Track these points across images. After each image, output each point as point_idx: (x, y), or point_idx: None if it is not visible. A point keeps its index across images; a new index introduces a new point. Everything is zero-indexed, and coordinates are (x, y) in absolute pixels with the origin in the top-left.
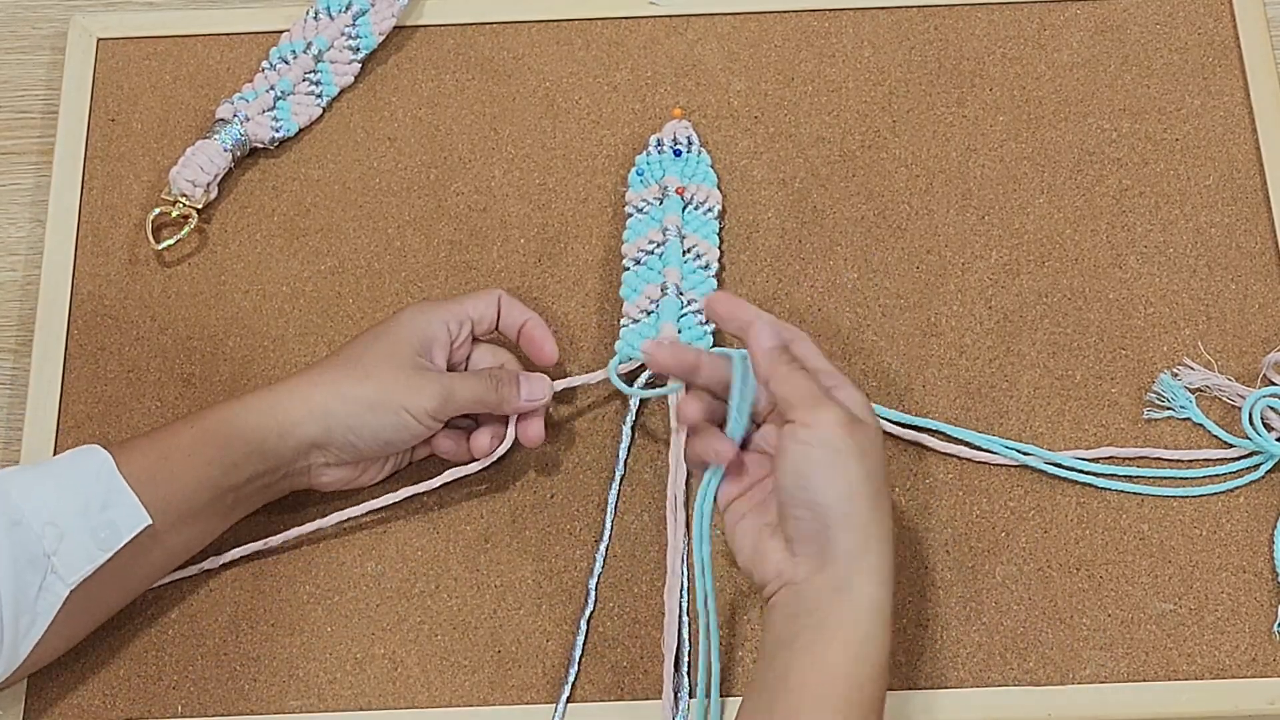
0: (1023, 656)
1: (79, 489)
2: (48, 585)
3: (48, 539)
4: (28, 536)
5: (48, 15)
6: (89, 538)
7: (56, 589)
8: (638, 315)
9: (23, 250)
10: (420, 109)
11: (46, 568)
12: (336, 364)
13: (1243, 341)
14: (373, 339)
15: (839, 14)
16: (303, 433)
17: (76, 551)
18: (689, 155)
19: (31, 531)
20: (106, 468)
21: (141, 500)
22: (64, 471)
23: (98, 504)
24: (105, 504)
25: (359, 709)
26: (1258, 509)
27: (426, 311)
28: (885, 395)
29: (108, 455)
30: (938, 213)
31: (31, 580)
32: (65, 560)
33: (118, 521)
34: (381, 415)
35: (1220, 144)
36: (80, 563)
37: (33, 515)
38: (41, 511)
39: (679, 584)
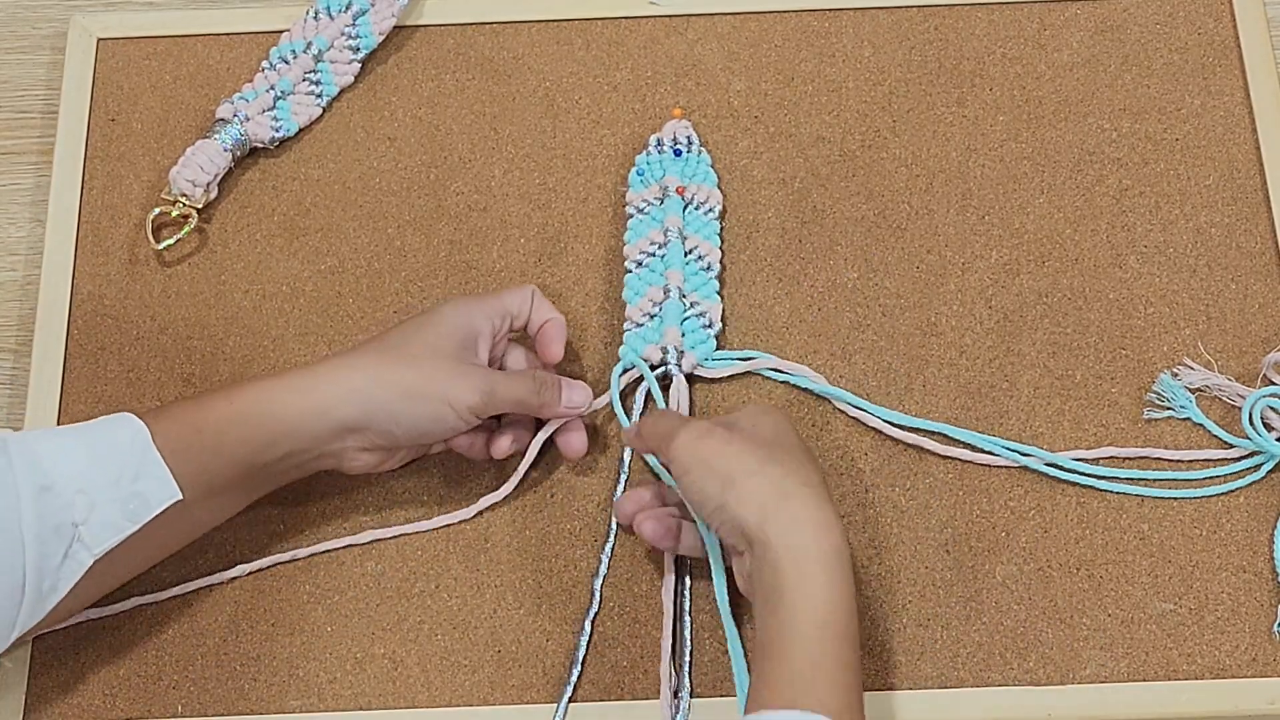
0: (1023, 656)
1: (112, 458)
2: (73, 553)
3: (78, 508)
4: (57, 503)
5: (48, 15)
6: (118, 509)
7: (81, 557)
8: (641, 319)
9: (23, 250)
10: (420, 109)
11: (73, 535)
12: (379, 349)
13: (1243, 341)
14: (416, 328)
15: (839, 14)
16: (341, 415)
17: (104, 522)
18: (689, 155)
19: (61, 498)
20: (141, 438)
21: (173, 473)
22: (98, 439)
23: (130, 475)
24: (137, 475)
25: (359, 709)
26: (1258, 509)
27: (470, 305)
28: (885, 395)
29: (143, 425)
30: (938, 213)
31: (56, 548)
32: (92, 530)
33: (148, 494)
34: (422, 405)
35: (1220, 144)
36: (107, 533)
37: (64, 482)
38: (73, 479)
39: (674, 582)
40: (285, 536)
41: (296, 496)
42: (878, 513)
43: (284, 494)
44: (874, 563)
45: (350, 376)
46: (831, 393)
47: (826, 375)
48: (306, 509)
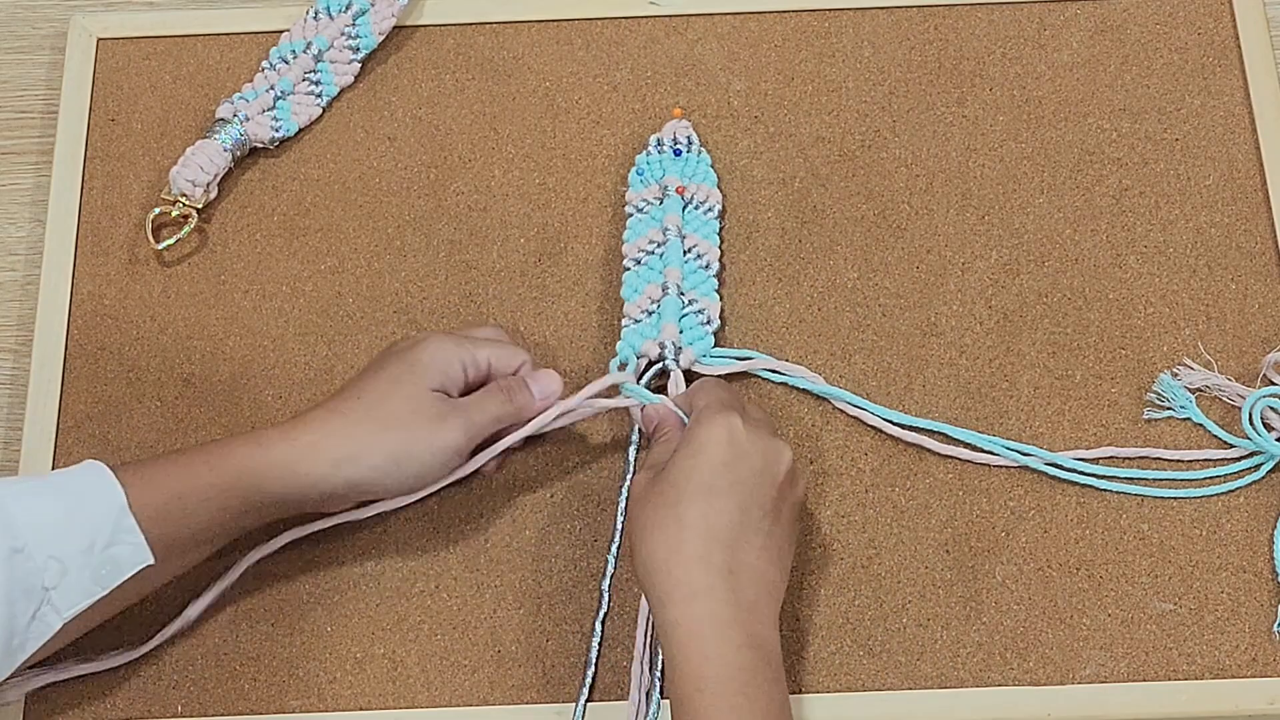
0: (1023, 656)
1: (87, 524)
2: (41, 615)
3: (49, 573)
4: (29, 567)
5: (48, 15)
6: (89, 575)
7: (49, 619)
8: (639, 315)
9: (23, 250)
10: (420, 109)
11: (43, 599)
12: (357, 410)
13: (1243, 341)
14: (392, 382)
15: (839, 14)
16: (328, 486)
17: (75, 587)
18: (689, 155)
19: (33, 562)
20: (117, 504)
21: (149, 536)
22: (73, 500)
23: (103, 541)
24: (110, 541)
25: (359, 709)
26: (1258, 509)
27: (449, 346)
28: (885, 395)
29: (119, 489)
30: (938, 213)
31: (25, 609)
32: (63, 595)
33: (120, 559)
34: (409, 465)
35: (1220, 144)
36: (77, 597)
37: (36, 545)
38: (46, 543)
39: None
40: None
41: None
42: (878, 513)
43: None
44: (874, 563)
45: (334, 449)
46: (830, 392)
47: (826, 375)
48: None
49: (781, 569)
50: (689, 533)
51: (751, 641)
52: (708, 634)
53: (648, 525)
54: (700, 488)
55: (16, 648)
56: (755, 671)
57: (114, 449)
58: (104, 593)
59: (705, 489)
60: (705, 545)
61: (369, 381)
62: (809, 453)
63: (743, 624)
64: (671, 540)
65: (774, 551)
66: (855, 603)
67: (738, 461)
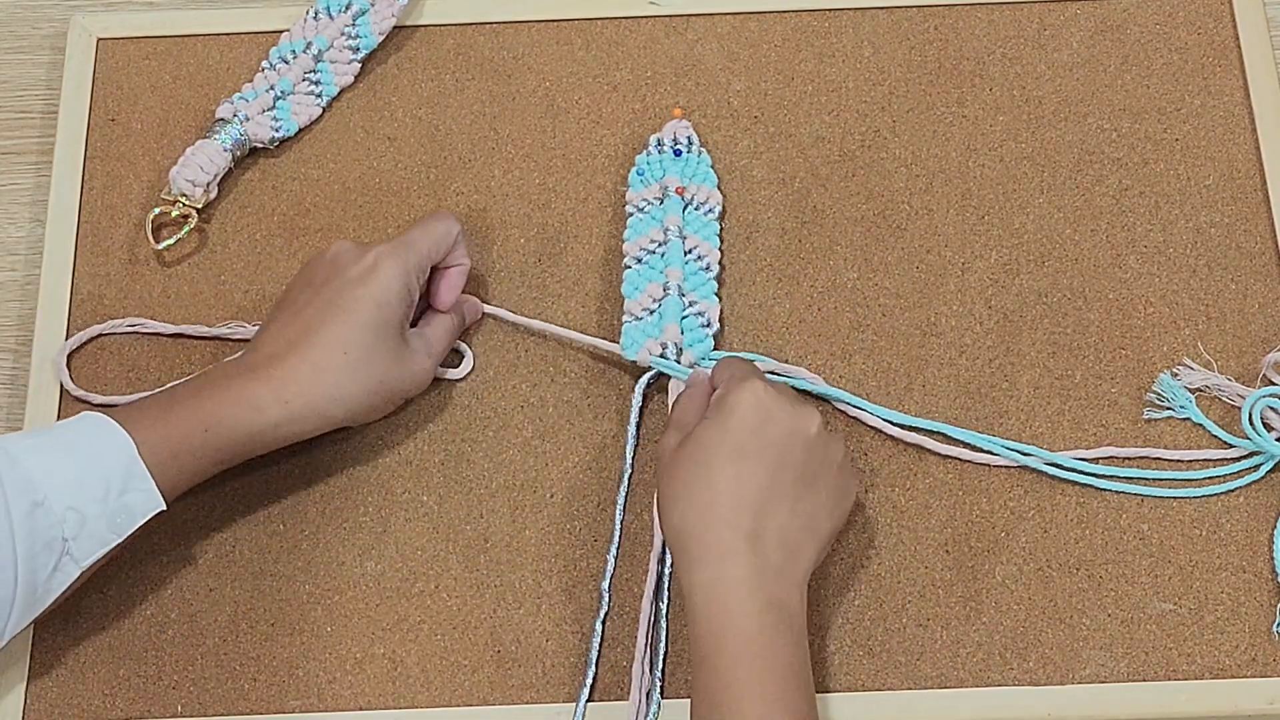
0: (1023, 656)
1: (101, 473)
2: (61, 566)
3: (68, 524)
4: (48, 519)
5: (48, 15)
6: (105, 523)
7: (69, 569)
8: (640, 313)
9: (23, 250)
10: (420, 109)
11: (62, 550)
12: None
13: (1243, 341)
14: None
15: (839, 14)
16: (316, 422)
17: (92, 536)
18: (689, 155)
19: (53, 515)
20: (127, 451)
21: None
22: (85, 452)
23: (116, 489)
24: (124, 489)
25: (359, 709)
26: (1258, 509)
27: (401, 267)
28: (885, 395)
29: (128, 439)
30: (938, 213)
31: (46, 561)
32: (81, 545)
33: (133, 506)
34: (386, 399)
35: (1220, 144)
36: (94, 546)
37: (54, 498)
38: (64, 494)
39: (654, 582)
40: (285, 536)
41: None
42: (878, 513)
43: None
44: (874, 563)
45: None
46: (830, 393)
47: (826, 376)
48: (306, 509)
49: (812, 535)
50: (719, 497)
51: (773, 604)
52: (729, 597)
53: (679, 489)
54: (730, 452)
55: (38, 600)
56: (775, 634)
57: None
58: (118, 540)
59: (735, 453)
60: (734, 509)
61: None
62: None
63: (765, 588)
64: (701, 504)
65: (803, 517)
66: (855, 603)
67: (765, 426)
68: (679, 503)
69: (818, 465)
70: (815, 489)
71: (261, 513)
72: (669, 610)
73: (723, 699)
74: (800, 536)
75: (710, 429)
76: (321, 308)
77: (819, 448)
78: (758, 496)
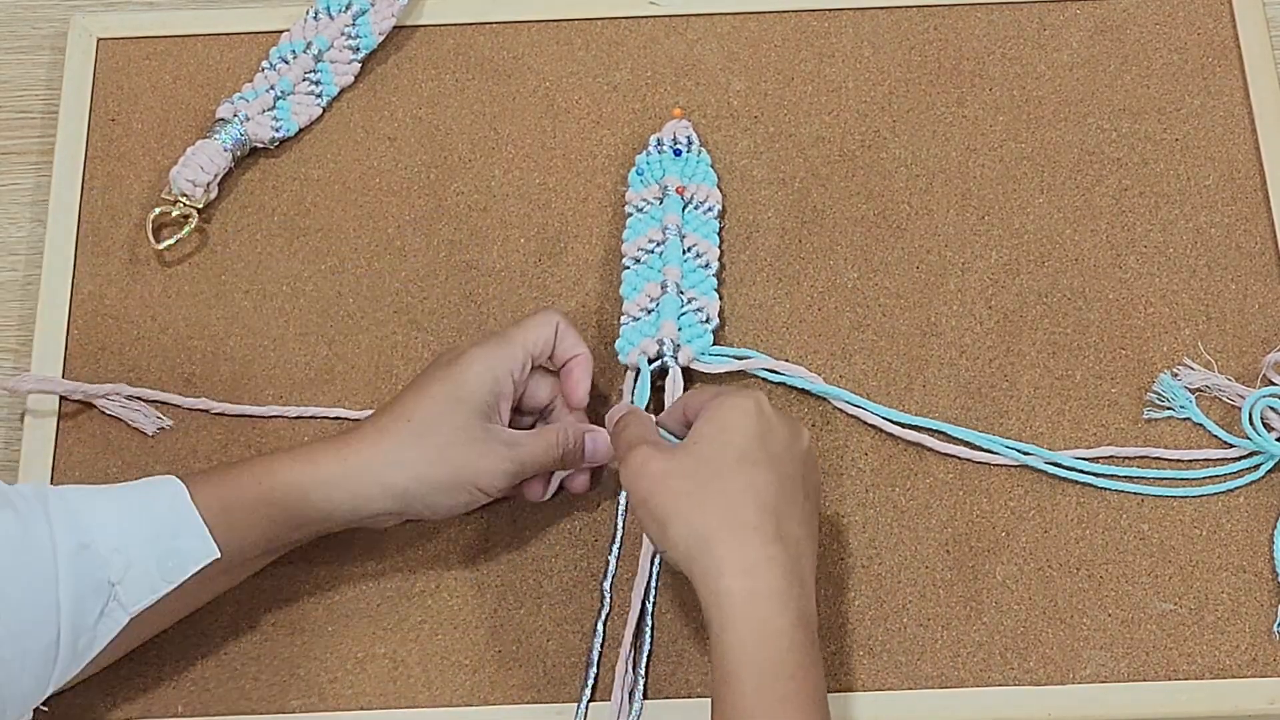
0: (1023, 656)
1: (150, 516)
2: (109, 611)
3: (114, 566)
4: (94, 562)
5: (48, 15)
6: (155, 567)
7: (117, 615)
8: (638, 313)
9: (23, 250)
10: (420, 109)
11: (109, 594)
12: (406, 435)
13: (1243, 341)
14: (442, 408)
15: (839, 14)
16: (376, 508)
17: (141, 581)
18: (689, 155)
19: (99, 556)
20: (181, 498)
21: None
22: (136, 497)
23: (168, 533)
24: (175, 533)
25: (359, 709)
26: (1258, 509)
27: (494, 358)
28: (885, 395)
29: (181, 486)
30: (938, 213)
31: (93, 606)
32: (129, 589)
33: (185, 552)
34: (455, 495)
35: (1220, 144)
36: (143, 592)
37: (102, 539)
38: (111, 536)
39: (645, 581)
40: None
41: None
42: (878, 513)
43: None
44: (874, 563)
45: (385, 473)
46: (829, 391)
47: (826, 375)
48: None
49: (812, 543)
50: (740, 502)
51: (803, 619)
52: (764, 607)
53: (682, 502)
54: (739, 459)
55: (85, 646)
56: (805, 652)
57: (114, 449)
58: (169, 588)
59: (744, 460)
60: (758, 515)
61: (417, 403)
62: None
63: (796, 598)
64: (720, 511)
65: (808, 526)
66: (855, 603)
67: (768, 434)
68: (684, 514)
69: (805, 477)
70: (809, 499)
71: None
72: (655, 610)
73: None
74: (808, 546)
75: (708, 441)
76: (405, 391)
77: (809, 461)
78: (775, 501)
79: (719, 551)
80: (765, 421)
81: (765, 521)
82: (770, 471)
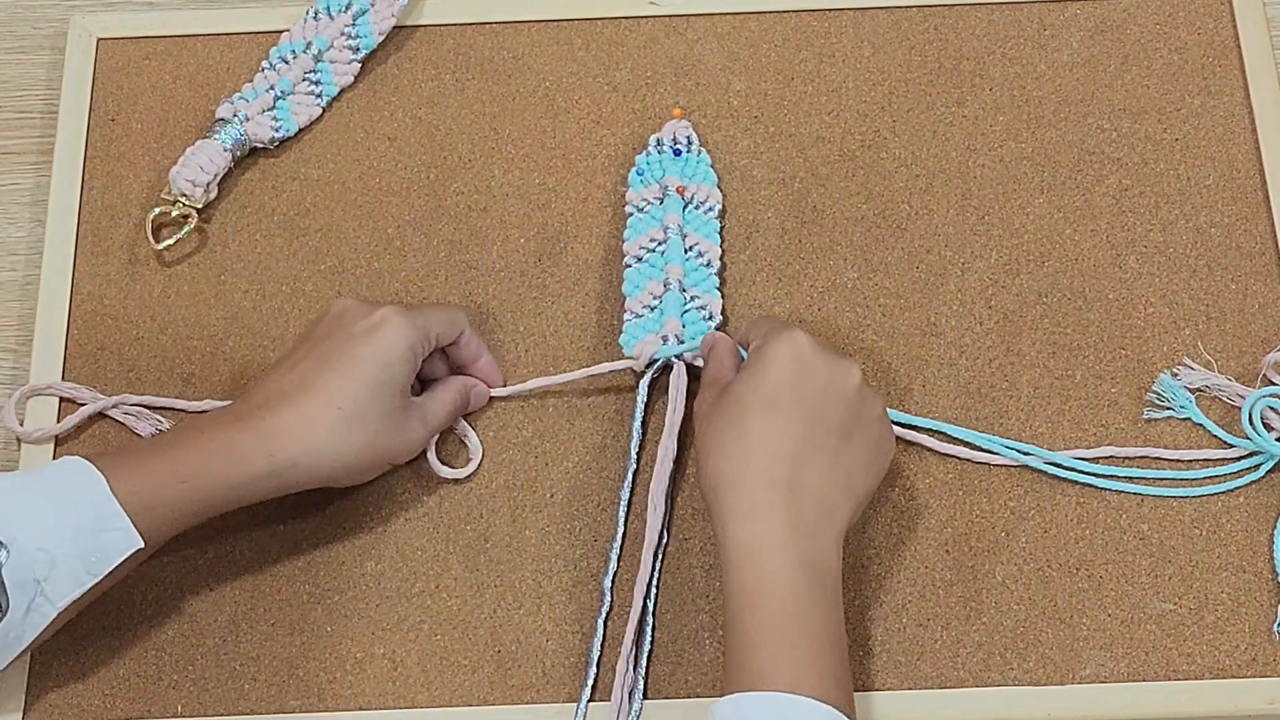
0: (1023, 656)
1: (71, 513)
2: (35, 606)
3: (39, 565)
4: (19, 561)
5: (48, 15)
6: (79, 563)
7: (44, 610)
8: (641, 311)
9: (23, 250)
10: (420, 109)
11: (36, 591)
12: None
13: (1243, 341)
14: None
15: (839, 14)
16: (300, 476)
17: (66, 577)
18: (689, 155)
19: (24, 555)
20: (100, 491)
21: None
22: (56, 491)
23: (89, 528)
24: (97, 528)
25: (359, 709)
26: (1258, 509)
27: (411, 335)
28: (885, 395)
29: (100, 477)
30: (938, 213)
31: (20, 602)
32: (55, 585)
33: (108, 545)
34: (374, 462)
35: (1220, 144)
36: (69, 587)
37: (24, 538)
38: (34, 536)
39: (646, 580)
40: (285, 536)
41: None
42: (878, 513)
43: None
44: (874, 563)
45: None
46: None
47: None
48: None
49: (848, 492)
50: (753, 449)
51: (806, 563)
52: (763, 552)
53: (713, 441)
54: (764, 404)
55: (14, 640)
56: (808, 594)
57: (114, 449)
58: (94, 581)
59: (769, 405)
60: (768, 462)
61: (343, 387)
62: None
63: (799, 545)
64: (736, 457)
65: (840, 472)
66: (855, 603)
67: (802, 379)
68: (712, 455)
69: (854, 420)
70: (852, 444)
71: (262, 513)
72: (656, 608)
73: (751, 661)
74: (836, 493)
75: (745, 381)
76: (320, 360)
77: (856, 403)
78: (793, 449)
79: (728, 497)
80: (800, 365)
81: (775, 469)
82: (794, 417)
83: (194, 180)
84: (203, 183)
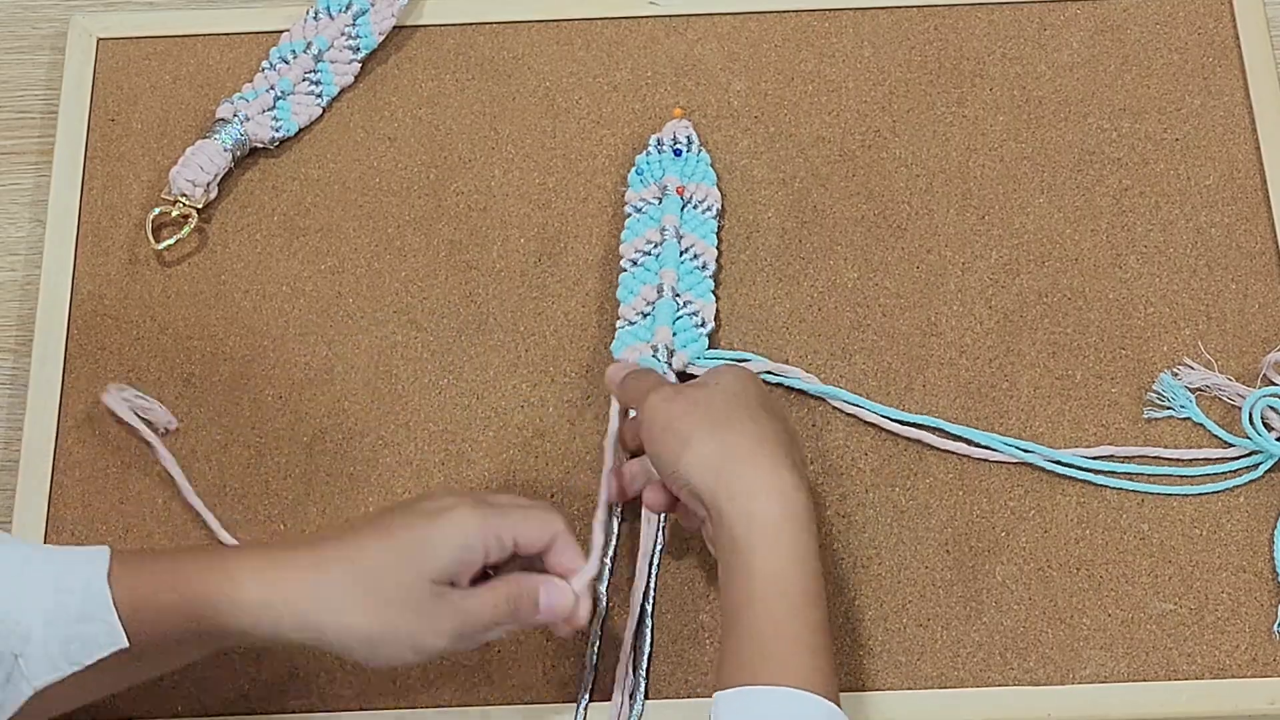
0: (1023, 656)
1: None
2: (13, 680)
3: (14, 639)
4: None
5: (48, 15)
6: (57, 648)
7: (21, 686)
8: (633, 317)
9: (23, 250)
10: (420, 109)
11: (12, 665)
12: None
13: (1243, 341)
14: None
15: (839, 14)
16: (295, 640)
17: (41, 658)
18: (689, 155)
19: (3, 625)
20: (98, 580)
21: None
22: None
23: (73, 616)
24: (81, 617)
25: (359, 709)
26: (1258, 509)
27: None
28: (885, 395)
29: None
30: (938, 213)
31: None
32: (30, 664)
33: (89, 637)
34: (381, 650)
35: (1220, 144)
36: (45, 670)
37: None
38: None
39: (644, 584)
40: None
41: (297, 497)
42: (878, 513)
43: (283, 493)
44: (874, 563)
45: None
46: (827, 391)
47: (826, 376)
48: (306, 509)
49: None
50: (763, 435)
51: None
52: (796, 530)
53: (707, 423)
54: (748, 407)
55: None
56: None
57: (113, 449)
58: (73, 669)
59: (757, 408)
60: (786, 449)
61: (367, 547)
62: (809, 453)
63: (815, 535)
64: (749, 437)
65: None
66: (855, 603)
67: (765, 398)
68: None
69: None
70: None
71: (261, 513)
72: (654, 611)
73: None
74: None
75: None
76: (368, 521)
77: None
78: (788, 446)
79: (750, 473)
80: (754, 385)
81: (793, 455)
82: (772, 422)
83: (194, 180)
84: (203, 183)
